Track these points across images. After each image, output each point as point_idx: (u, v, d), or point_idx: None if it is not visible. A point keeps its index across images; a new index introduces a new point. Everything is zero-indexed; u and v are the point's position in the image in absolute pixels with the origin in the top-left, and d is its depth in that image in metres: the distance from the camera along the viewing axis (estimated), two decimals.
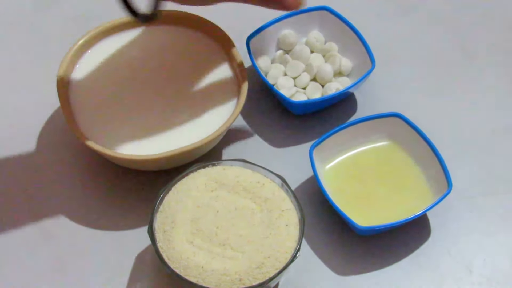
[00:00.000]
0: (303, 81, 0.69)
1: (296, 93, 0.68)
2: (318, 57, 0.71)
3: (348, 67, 0.70)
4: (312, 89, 0.69)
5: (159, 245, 0.56)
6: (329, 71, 0.69)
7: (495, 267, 0.62)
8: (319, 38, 0.72)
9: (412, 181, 0.64)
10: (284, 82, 0.69)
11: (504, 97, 0.76)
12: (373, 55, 0.69)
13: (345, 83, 0.69)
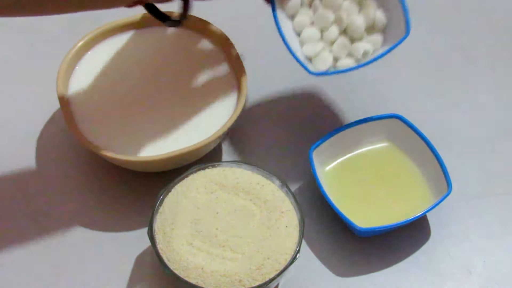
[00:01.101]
0: (331, 35, 0.62)
1: (321, 52, 0.61)
2: (352, 5, 0.62)
3: (382, 21, 0.61)
4: (339, 48, 0.61)
5: (159, 247, 0.56)
6: (360, 25, 0.61)
7: (494, 268, 0.62)
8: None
9: (411, 182, 0.64)
10: (309, 35, 0.62)
11: (504, 99, 0.76)
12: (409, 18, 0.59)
13: (376, 43, 0.62)
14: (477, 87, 0.77)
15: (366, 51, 0.60)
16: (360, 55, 0.60)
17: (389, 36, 0.61)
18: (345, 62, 0.61)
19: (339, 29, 0.62)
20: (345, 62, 0.61)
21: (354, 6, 0.62)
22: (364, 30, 0.61)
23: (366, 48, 0.60)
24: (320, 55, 0.61)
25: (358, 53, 0.60)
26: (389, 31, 0.61)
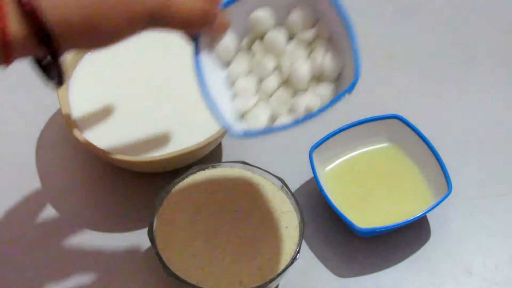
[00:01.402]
0: (268, 87, 0.50)
1: (255, 108, 0.50)
2: (297, 49, 0.50)
3: (333, 68, 0.49)
4: (278, 102, 0.50)
5: (159, 247, 0.56)
6: (303, 75, 0.49)
7: (495, 269, 0.62)
8: (304, 16, 0.51)
9: (411, 183, 0.64)
10: (243, 86, 0.50)
11: (504, 99, 0.76)
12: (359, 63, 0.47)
13: (324, 96, 0.49)
14: (477, 87, 0.77)
15: (309, 107, 0.48)
16: (302, 112, 0.48)
17: (342, 86, 0.49)
18: (284, 121, 0.49)
19: (280, 79, 0.50)
20: (284, 120, 0.49)
21: (300, 51, 0.50)
22: (309, 80, 0.50)
23: (309, 103, 0.48)
24: (253, 111, 0.49)
25: (299, 109, 0.48)
26: (342, 80, 0.50)
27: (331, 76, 0.49)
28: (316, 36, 0.50)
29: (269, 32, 0.50)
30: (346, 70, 0.49)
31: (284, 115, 0.49)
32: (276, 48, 0.50)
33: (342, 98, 0.46)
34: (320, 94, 0.49)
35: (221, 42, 0.49)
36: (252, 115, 0.49)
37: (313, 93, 0.49)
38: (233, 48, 0.50)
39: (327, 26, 0.50)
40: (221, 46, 0.49)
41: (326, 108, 0.47)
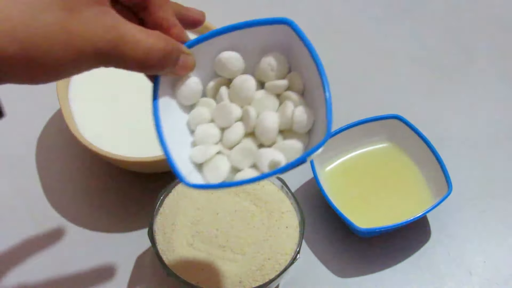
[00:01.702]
0: (232, 136, 0.44)
1: (214, 159, 0.44)
2: (266, 99, 0.45)
3: (303, 123, 0.43)
4: (240, 155, 0.44)
5: (159, 247, 0.56)
6: (270, 126, 0.43)
7: (495, 269, 0.62)
8: (276, 64, 0.45)
9: (412, 183, 0.64)
10: (205, 133, 0.45)
11: (504, 99, 0.76)
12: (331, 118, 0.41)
13: (292, 151, 0.43)
14: (477, 87, 0.77)
15: (273, 163, 0.42)
16: (266, 168, 0.42)
17: (312, 142, 0.44)
18: (246, 175, 0.43)
19: (244, 130, 0.45)
20: (246, 174, 0.43)
21: (269, 101, 0.45)
22: (277, 134, 0.44)
23: (275, 158, 0.42)
24: (213, 162, 0.44)
25: (263, 164, 0.43)
26: (313, 135, 0.44)
27: (301, 131, 0.44)
28: (288, 87, 0.45)
29: (238, 77, 0.45)
30: (318, 125, 0.43)
31: (246, 168, 0.44)
32: (244, 95, 0.45)
33: (311, 156, 0.41)
34: (287, 149, 0.43)
35: (184, 84, 0.44)
36: (211, 166, 0.44)
37: (279, 147, 0.43)
38: (197, 92, 0.45)
39: (300, 76, 0.45)
40: (184, 88, 0.44)
41: (292, 166, 0.41)
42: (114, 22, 0.38)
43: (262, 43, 0.45)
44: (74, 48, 0.37)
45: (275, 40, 0.45)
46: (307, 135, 0.44)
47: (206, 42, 0.44)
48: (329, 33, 0.80)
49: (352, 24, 0.82)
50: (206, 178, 0.44)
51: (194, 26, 0.45)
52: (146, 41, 0.39)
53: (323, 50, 0.78)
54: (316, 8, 0.83)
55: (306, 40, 0.43)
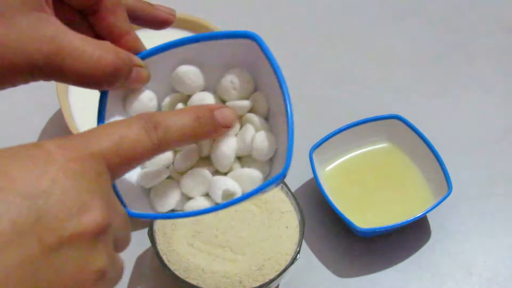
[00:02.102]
0: (184, 162, 0.40)
1: (164, 185, 0.40)
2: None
3: (263, 151, 0.39)
4: (192, 182, 0.40)
5: (159, 247, 0.56)
6: (226, 154, 0.39)
7: (495, 269, 0.62)
8: (239, 82, 0.41)
9: (412, 183, 0.64)
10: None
11: (503, 99, 0.76)
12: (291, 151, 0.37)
13: (248, 181, 0.40)
14: (477, 87, 0.77)
15: (228, 192, 0.39)
16: (219, 198, 0.39)
17: (275, 170, 0.40)
18: (198, 205, 0.40)
19: (198, 154, 0.41)
20: (197, 204, 0.40)
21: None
22: (233, 160, 0.40)
23: (229, 188, 0.39)
24: (160, 189, 0.40)
25: (216, 194, 0.39)
26: (274, 164, 0.40)
27: (261, 159, 0.40)
28: (251, 108, 0.41)
29: (196, 94, 0.41)
30: (281, 152, 0.39)
31: (197, 197, 0.40)
32: None
33: (268, 188, 0.37)
34: (244, 178, 0.39)
35: (137, 99, 0.40)
36: (159, 192, 0.40)
37: (235, 176, 0.40)
38: (151, 108, 0.40)
39: (265, 98, 0.40)
40: (137, 104, 0.40)
41: (247, 197, 0.38)
42: (54, 32, 0.33)
43: (226, 58, 0.41)
44: (5, 61, 0.32)
45: (239, 55, 0.40)
46: (267, 163, 0.40)
47: (163, 54, 0.40)
48: (329, 33, 0.80)
49: (352, 24, 0.81)
50: (154, 204, 0.40)
51: (162, 26, 0.41)
52: (92, 54, 0.34)
53: (323, 50, 0.79)
54: (316, 8, 0.83)
55: (272, 58, 0.39)
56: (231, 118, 0.38)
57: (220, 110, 0.37)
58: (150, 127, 0.33)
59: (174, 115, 0.34)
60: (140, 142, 0.32)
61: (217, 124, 0.37)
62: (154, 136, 0.33)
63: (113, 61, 0.35)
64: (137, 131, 0.32)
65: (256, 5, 0.83)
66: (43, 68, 0.33)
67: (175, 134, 0.34)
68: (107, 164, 0.31)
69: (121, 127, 0.32)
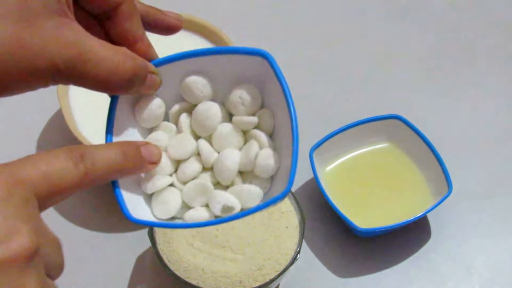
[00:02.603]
0: (187, 173, 0.41)
1: (165, 192, 0.41)
2: (231, 135, 0.42)
3: (266, 168, 0.40)
4: (193, 192, 0.41)
5: (160, 247, 0.56)
6: (230, 167, 0.40)
7: (495, 268, 0.62)
8: (247, 97, 0.42)
9: (412, 183, 0.64)
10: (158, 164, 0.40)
11: (503, 99, 0.76)
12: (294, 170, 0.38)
13: (249, 197, 0.40)
14: (477, 87, 0.77)
15: (227, 207, 0.39)
16: (218, 211, 0.39)
17: (276, 188, 0.40)
18: (198, 215, 0.40)
19: (200, 165, 0.41)
20: (197, 214, 0.40)
21: (235, 136, 0.41)
22: (235, 175, 0.41)
23: (228, 204, 0.39)
24: (162, 196, 0.41)
25: (215, 207, 0.40)
26: (275, 182, 0.41)
27: (263, 176, 0.41)
28: (257, 125, 0.41)
29: (202, 103, 0.42)
30: (283, 171, 0.40)
31: (198, 207, 0.40)
32: (207, 124, 0.41)
33: (267, 208, 0.38)
34: (244, 194, 0.40)
35: (146, 105, 0.41)
36: (161, 199, 0.40)
37: (236, 191, 0.40)
38: (159, 115, 0.41)
39: (271, 115, 0.41)
40: (146, 111, 0.41)
41: (245, 214, 0.39)
42: (75, 37, 0.34)
43: (236, 73, 0.41)
44: (27, 64, 0.33)
45: (249, 71, 0.41)
46: (268, 180, 0.41)
47: (176, 63, 0.41)
48: (329, 33, 0.80)
49: (352, 24, 0.81)
50: (154, 211, 0.40)
51: (170, 31, 0.42)
52: (112, 60, 0.35)
53: (323, 50, 0.79)
54: (316, 8, 0.83)
55: (281, 77, 0.39)
56: (156, 155, 0.39)
57: (145, 147, 0.38)
58: (77, 158, 0.33)
59: (101, 148, 0.35)
60: (67, 172, 0.32)
61: (143, 161, 0.37)
62: (82, 167, 0.33)
63: (131, 67, 0.36)
64: (64, 161, 0.32)
65: (257, 6, 0.83)
66: (64, 72, 0.34)
67: (102, 167, 0.34)
68: (34, 192, 0.31)
69: (49, 157, 0.32)
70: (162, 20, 0.41)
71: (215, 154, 0.41)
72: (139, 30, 0.39)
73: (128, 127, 0.41)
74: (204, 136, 0.42)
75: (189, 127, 0.42)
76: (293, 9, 0.83)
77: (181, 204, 0.41)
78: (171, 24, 0.41)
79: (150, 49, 0.39)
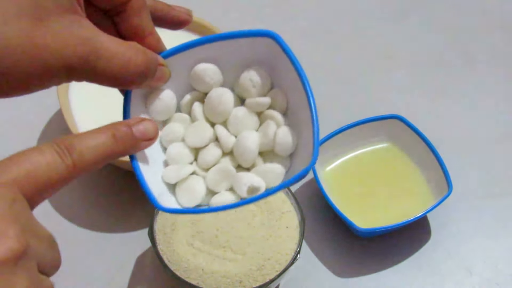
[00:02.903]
0: (208, 159, 0.41)
1: (189, 180, 0.41)
2: (247, 117, 0.42)
3: (286, 146, 0.41)
4: (217, 177, 0.41)
5: (160, 248, 0.56)
6: (250, 147, 0.40)
7: (495, 269, 0.62)
8: (258, 79, 0.42)
9: (412, 183, 0.64)
10: (178, 152, 0.42)
11: (503, 99, 0.76)
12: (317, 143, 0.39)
13: (273, 176, 0.40)
14: (477, 87, 0.77)
15: (253, 187, 0.40)
16: (244, 193, 0.40)
17: (295, 166, 0.41)
18: (224, 199, 0.40)
19: (220, 150, 0.42)
20: (223, 198, 0.40)
21: (249, 119, 0.42)
22: (257, 155, 0.41)
23: (254, 184, 0.39)
24: (187, 183, 0.41)
25: (241, 189, 0.40)
26: (296, 158, 0.41)
27: (283, 154, 0.41)
28: (270, 105, 0.42)
29: (214, 90, 0.42)
30: (302, 148, 0.40)
31: (223, 191, 0.41)
32: (221, 109, 0.41)
33: (294, 183, 0.39)
34: (267, 174, 0.40)
35: (158, 98, 0.41)
36: (185, 187, 0.41)
37: (259, 171, 0.40)
38: (171, 106, 0.42)
39: (284, 94, 0.42)
40: (158, 103, 0.41)
41: (273, 191, 0.39)
42: (87, 34, 0.34)
43: (243, 57, 0.42)
44: (41, 62, 0.33)
45: (257, 54, 0.41)
46: (288, 158, 0.41)
47: (183, 53, 0.41)
48: (329, 33, 0.80)
49: (352, 24, 0.82)
50: (180, 200, 0.41)
51: (179, 26, 0.42)
52: (124, 55, 0.35)
53: (323, 50, 0.79)
54: (317, 8, 0.83)
55: (292, 55, 0.40)
56: (151, 130, 0.38)
57: (139, 124, 0.37)
58: (63, 151, 0.33)
59: (89, 136, 0.34)
60: (54, 167, 0.32)
61: (136, 139, 0.37)
62: (69, 160, 0.33)
63: (143, 61, 0.36)
64: (50, 156, 0.32)
65: (257, 6, 0.83)
66: (77, 69, 0.34)
67: (91, 155, 0.34)
68: (21, 191, 0.31)
69: (34, 154, 0.32)
70: (172, 15, 0.41)
71: (232, 138, 0.41)
72: (149, 24, 0.39)
73: (147, 116, 0.41)
74: (219, 122, 0.42)
75: (203, 115, 0.42)
76: (293, 9, 0.83)
77: (206, 190, 0.41)
78: (180, 18, 0.42)
79: (159, 43, 0.40)
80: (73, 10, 0.35)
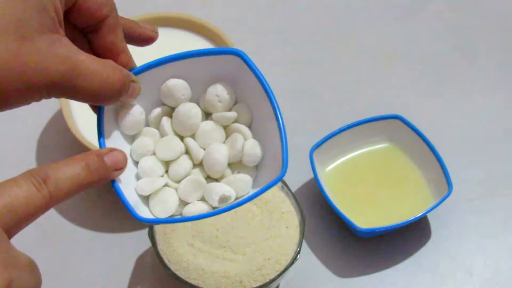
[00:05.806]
0: (179, 171, 0.43)
1: (161, 192, 0.43)
2: (215, 130, 0.44)
3: (254, 157, 0.43)
4: (188, 188, 0.43)
5: (160, 248, 0.56)
6: (219, 161, 0.43)
7: (495, 269, 0.62)
8: (224, 95, 0.44)
9: (412, 183, 0.64)
10: (149, 166, 0.43)
11: (504, 99, 0.76)
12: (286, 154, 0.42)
13: (242, 186, 0.43)
14: (477, 87, 0.77)
15: (224, 197, 0.42)
16: (216, 202, 0.42)
17: (264, 175, 0.43)
18: (197, 208, 0.42)
19: (191, 162, 0.44)
20: (196, 208, 0.42)
21: (218, 132, 0.44)
22: (226, 167, 0.43)
23: (225, 193, 0.42)
24: (159, 196, 0.42)
25: (213, 199, 0.42)
26: (263, 168, 0.44)
27: (251, 165, 0.44)
28: (236, 119, 0.44)
29: (182, 105, 0.44)
30: (270, 156, 0.43)
31: (195, 201, 0.43)
32: (190, 123, 0.43)
33: (266, 190, 0.41)
34: (236, 183, 0.43)
35: (129, 113, 0.43)
36: (158, 199, 0.42)
37: (229, 181, 0.43)
38: (141, 121, 0.43)
39: (249, 107, 0.44)
40: (129, 118, 0.43)
41: (245, 201, 0.41)
42: (68, 52, 0.35)
43: (210, 73, 0.44)
44: (25, 79, 0.34)
45: (223, 70, 0.44)
46: (254, 168, 0.44)
47: (153, 69, 0.43)
48: (329, 33, 0.80)
49: (352, 24, 0.81)
50: (154, 211, 0.42)
51: (146, 43, 0.43)
52: (101, 73, 0.37)
53: (323, 50, 0.79)
54: (317, 8, 0.83)
55: (258, 71, 0.42)
56: (121, 161, 0.39)
57: (109, 154, 0.38)
58: (40, 183, 0.33)
59: (63, 166, 0.35)
60: (31, 199, 0.33)
61: (108, 170, 0.38)
62: (45, 191, 0.34)
63: (120, 78, 0.38)
64: (27, 188, 0.33)
65: (257, 6, 0.83)
66: (58, 86, 0.35)
67: (66, 185, 0.35)
68: (1, 225, 0.31)
69: (11, 186, 0.32)
70: (139, 32, 0.43)
71: (202, 150, 0.44)
72: (122, 42, 0.40)
73: (114, 135, 0.43)
74: (187, 135, 0.44)
75: (172, 129, 0.44)
76: (293, 9, 0.83)
77: (178, 201, 0.43)
78: (147, 35, 0.43)
79: (131, 60, 0.41)
80: (54, 29, 0.35)
